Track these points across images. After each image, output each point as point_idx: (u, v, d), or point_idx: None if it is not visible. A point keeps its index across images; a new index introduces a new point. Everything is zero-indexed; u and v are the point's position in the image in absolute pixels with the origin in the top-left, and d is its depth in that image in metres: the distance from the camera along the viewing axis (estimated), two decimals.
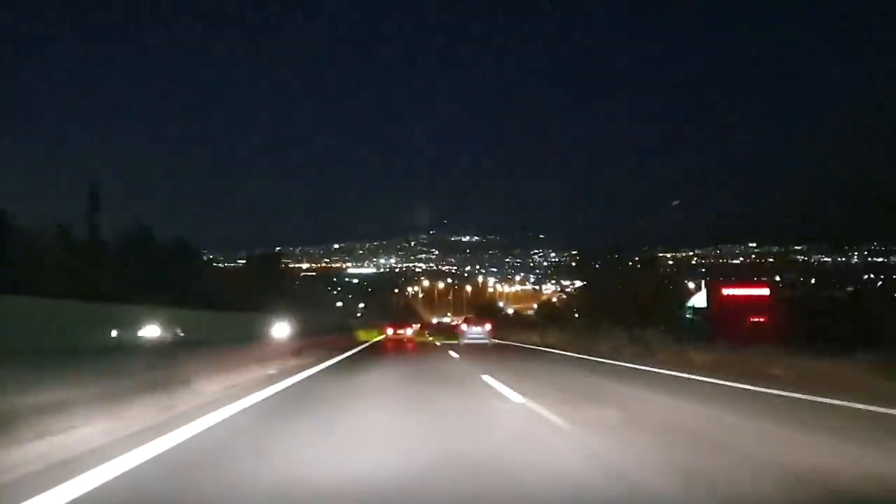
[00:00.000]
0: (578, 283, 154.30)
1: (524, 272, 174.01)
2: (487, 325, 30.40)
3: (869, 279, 41.19)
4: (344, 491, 4.08)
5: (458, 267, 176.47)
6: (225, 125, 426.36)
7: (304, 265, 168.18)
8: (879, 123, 14.42)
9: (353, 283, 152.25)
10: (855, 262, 57.95)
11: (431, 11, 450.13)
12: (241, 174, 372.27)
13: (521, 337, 35.63)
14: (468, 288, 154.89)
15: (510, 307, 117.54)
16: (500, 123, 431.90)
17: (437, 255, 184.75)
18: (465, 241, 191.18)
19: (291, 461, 4.93)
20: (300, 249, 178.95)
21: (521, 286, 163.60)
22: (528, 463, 4.82)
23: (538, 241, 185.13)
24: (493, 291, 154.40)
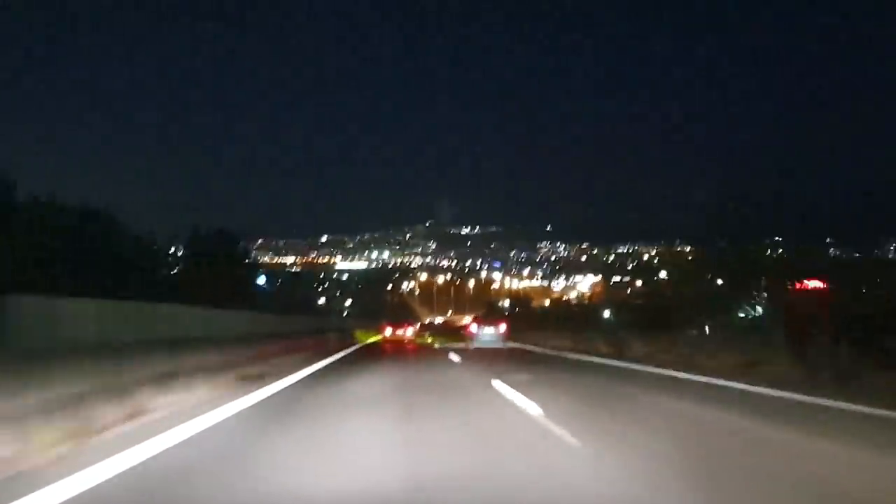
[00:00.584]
0: (592, 277, 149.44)
1: (531, 266, 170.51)
2: (502, 325, 27.15)
3: None
4: None
5: (457, 261, 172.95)
6: (212, 114, 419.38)
7: (288, 259, 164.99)
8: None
9: (342, 279, 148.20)
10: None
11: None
12: (232, 165, 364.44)
13: (539, 339, 31.73)
14: (471, 283, 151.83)
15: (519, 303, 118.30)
16: (501, 111, 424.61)
17: (434, 248, 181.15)
18: (464, 233, 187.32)
19: None
20: (284, 242, 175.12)
21: (529, 281, 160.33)
22: None
23: (545, 233, 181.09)
24: (497, 287, 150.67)
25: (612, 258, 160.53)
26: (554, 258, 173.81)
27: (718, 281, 23.28)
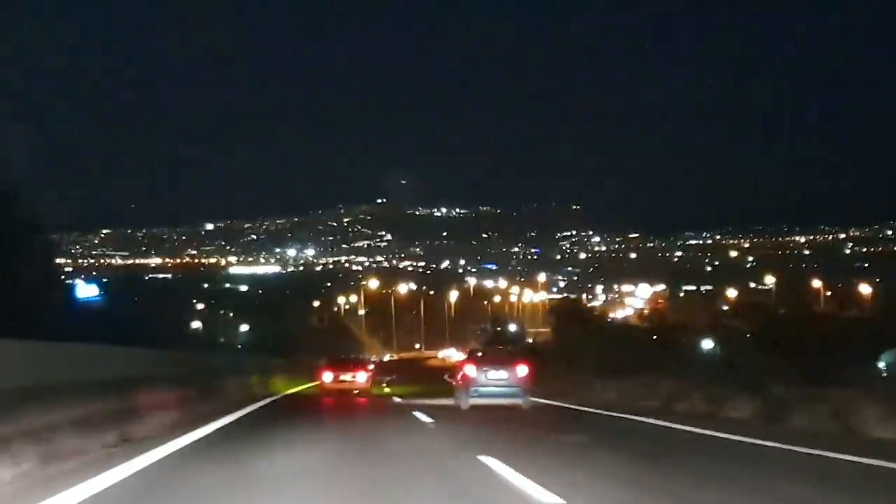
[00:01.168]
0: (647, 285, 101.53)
1: (545, 269, 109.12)
2: (519, 366, 17.80)
3: None
4: None
5: (426, 262, 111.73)
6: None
7: (153, 260, 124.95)
8: None
9: (239, 290, 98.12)
10: None
11: None
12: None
13: (578, 388, 21.60)
14: (452, 296, 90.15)
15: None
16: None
17: (390, 241, 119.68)
18: (438, 216, 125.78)
19: None
20: (144, 232, 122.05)
21: (545, 293, 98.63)
22: None
23: (569, 217, 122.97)
24: (499, 301, 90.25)
25: (678, 255, 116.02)
26: (585, 256, 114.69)
27: None
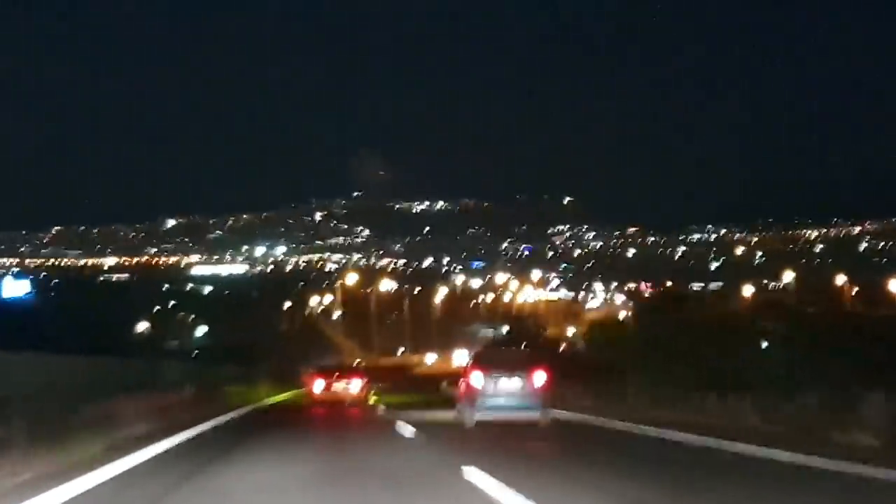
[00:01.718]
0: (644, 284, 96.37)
1: (538, 267, 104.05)
2: (536, 373, 15.41)
3: None
4: None
5: (407, 259, 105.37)
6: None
7: (108, 259, 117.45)
8: None
9: (201, 292, 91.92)
10: None
11: None
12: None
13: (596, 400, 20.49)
14: (440, 294, 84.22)
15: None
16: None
17: (368, 237, 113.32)
18: (419, 211, 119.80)
19: None
20: (98, 230, 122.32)
21: (542, 290, 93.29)
22: None
23: (559, 210, 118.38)
24: (492, 297, 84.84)
25: (681, 251, 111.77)
26: (580, 252, 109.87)
27: None
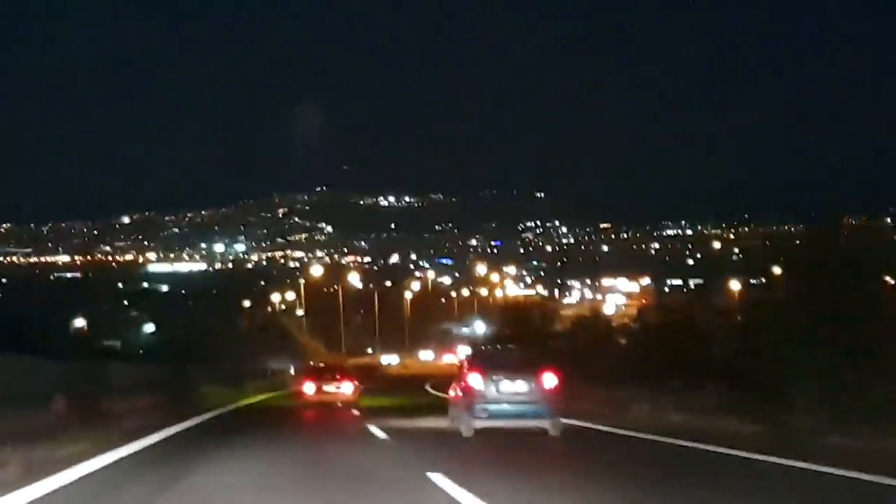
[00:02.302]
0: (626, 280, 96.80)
1: (513, 263, 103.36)
2: (545, 374, 13.87)
3: None
4: None
5: (373, 256, 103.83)
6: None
7: (60, 257, 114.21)
8: None
9: (158, 289, 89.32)
10: None
11: None
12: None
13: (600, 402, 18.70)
14: (410, 292, 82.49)
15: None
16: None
17: (332, 233, 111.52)
18: (385, 205, 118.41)
19: None
20: (50, 226, 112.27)
21: (517, 286, 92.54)
22: None
23: (532, 205, 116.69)
24: (468, 294, 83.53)
25: (656, 247, 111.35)
26: (551, 249, 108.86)
27: None
